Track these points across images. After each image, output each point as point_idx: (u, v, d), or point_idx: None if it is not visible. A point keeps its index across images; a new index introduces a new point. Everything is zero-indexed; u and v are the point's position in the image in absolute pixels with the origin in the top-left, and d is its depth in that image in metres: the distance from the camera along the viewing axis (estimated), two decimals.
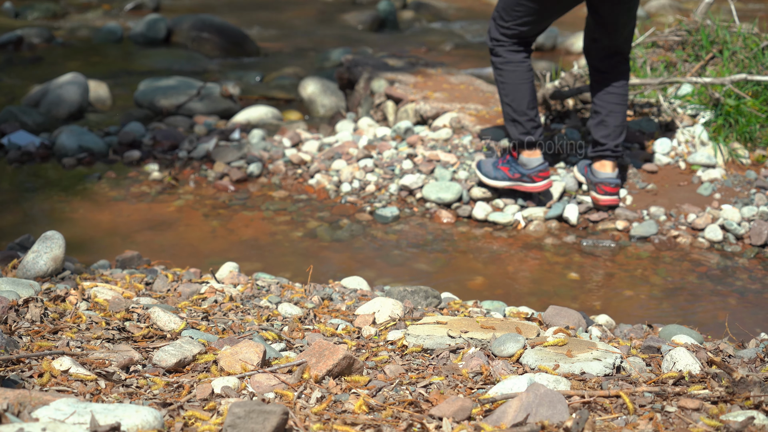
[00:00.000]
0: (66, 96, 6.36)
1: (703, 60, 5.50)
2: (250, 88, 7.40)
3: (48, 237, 3.36)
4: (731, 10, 5.95)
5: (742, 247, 4.47)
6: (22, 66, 7.94)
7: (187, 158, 5.45)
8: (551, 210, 4.69)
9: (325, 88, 6.82)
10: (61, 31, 9.43)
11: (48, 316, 2.80)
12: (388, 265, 4.32)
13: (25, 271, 3.28)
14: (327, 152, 5.35)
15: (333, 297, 3.42)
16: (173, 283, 3.43)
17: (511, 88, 4.59)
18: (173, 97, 6.52)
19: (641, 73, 5.50)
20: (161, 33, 9.04)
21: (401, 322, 3.02)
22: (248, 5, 11.39)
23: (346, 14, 10.69)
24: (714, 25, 5.69)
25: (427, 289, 3.46)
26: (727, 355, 2.93)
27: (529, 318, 3.27)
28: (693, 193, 4.77)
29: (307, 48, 9.08)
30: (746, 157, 5.00)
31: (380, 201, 4.91)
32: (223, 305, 3.16)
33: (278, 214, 4.83)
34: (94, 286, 3.17)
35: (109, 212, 4.82)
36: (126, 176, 5.26)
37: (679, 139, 5.08)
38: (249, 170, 5.24)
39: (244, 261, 4.15)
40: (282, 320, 3.06)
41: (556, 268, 4.29)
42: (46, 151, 5.55)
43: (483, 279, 4.17)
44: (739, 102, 5.02)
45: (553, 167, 4.97)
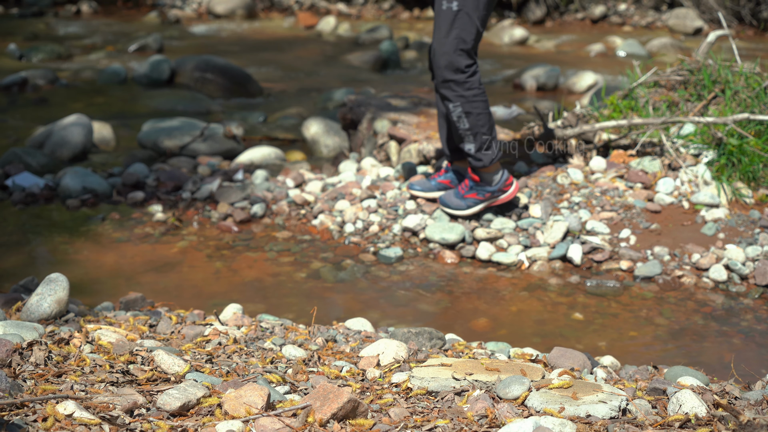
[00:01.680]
0: (70, 137, 6.38)
1: (705, 99, 5.52)
2: (254, 129, 7.42)
3: (52, 279, 3.36)
4: (733, 49, 5.97)
5: (746, 287, 4.46)
6: (27, 107, 7.98)
7: (191, 199, 5.46)
8: (555, 250, 4.69)
9: (328, 128, 6.84)
10: (66, 72, 9.48)
11: (52, 359, 2.79)
12: (392, 306, 4.32)
13: (29, 313, 3.27)
14: (330, 192, 5.36)
15: (337, 339, 3.42)
16: (177, 325, 3.42)
17: (485, 115, 4.62)
18: (177, 138, 6.54)
19: (643, 112, 5.52)
20: (165, 74, 9.08)
21: (406, 364, 3.01)
22: (251, 46, 11.45)
23: (349, 54, 10.74)
24: (716, 65, 5.71)
25: (431, 330, 3.46)
26: (734, 397, 2.92)
27: (533, 360, 3.26)
28: (697, 233, 4.77)
29: (310, 88, 9.11)
30: (749, 196, 5.01)
31: (384, 241, 4.91)
32: (227, 347, 3.15)
33: (282, 254, 4.83)
34: (98, 328, 3.16)
35: (112, 254, 4.82)
36: (130, 217, 5.27)
37: (682, 178, 5.09)
38: (252, 211, 5.25)
39: (247, 302, 4.14)
40: (286, 362, 3.05)
41: (560, 308, 4.28)
42: (50, 193, 5.56)
43: (487, 320, 4.16)
44: (742, 141, 5.03)
45: (556, 207, 4.98)
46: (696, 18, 12.90)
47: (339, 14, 13.87)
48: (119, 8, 13.95)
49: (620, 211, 4.92)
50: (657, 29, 13.16)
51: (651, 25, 13.37)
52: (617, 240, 4.76)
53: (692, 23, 12.81)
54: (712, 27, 12.83)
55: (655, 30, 13.12)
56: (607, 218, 4.88)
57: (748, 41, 12.06)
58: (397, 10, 14.15)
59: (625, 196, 5.03)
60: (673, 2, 13.68)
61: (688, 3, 13.37)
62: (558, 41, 12.19)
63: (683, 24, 12.89)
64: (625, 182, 5.14)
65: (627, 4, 13.77)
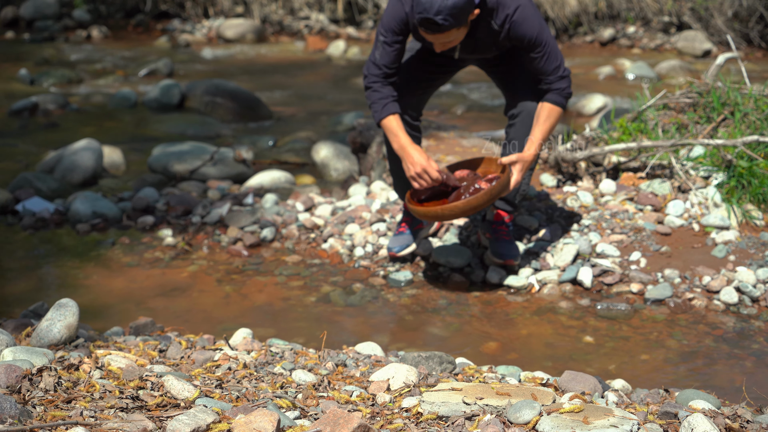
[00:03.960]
0: (80, 162, 6.40)
1: (714, 122, 5.52)
2: (264, 153, 7.44)
3: (62, 305, 3.36)
4: (742, 71, 5.97)
5: (758, 309, 4.45)
6: (37, 132, 8.01)
7: (201, 223, 5.47)
8: (565, 273, 4.68)
9: (338, 152, 6.86)
10: (76, 97, 9.52)
11: (62, 385, 2.79)
12: (402, 329, 4.31)
13: (39, 339, 3.28)
14: (340, 216, 5.36)
15: (347, 363, 3.41)
16: (187, 350, 3.42)
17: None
18: (187, 162, 6.56)
19: (653, 135, 5.51)
20: (175, 98, 9.12)
21: (416, 389, 3.01)
22: (261, 70, 11.50)
23: (358, 78, 10.76)
24: (725, 87, 5.71)
25: (441, 354, 3.45)
26: (746, 420, 2.90)
27: (544, 383, 3.25)
28: (707, 255, 4.76)
29: (319, 112, 9.14)
30: (760, 218, 4.99)
31: (393, 265, 4.91)
32: (237, 372, 3.15)
33: (292, 279, 4.83)
34: (107, 353, 3.16)
35: (122, 278, 4.83)
36: (140, 242, 5.28)
37: (692, 201, 5.08)
38: (262, 235, 5.25)
39: (257, 327, 4.14)
40: (296, 387, 3.05)
41: (570, 331, 4.27)
42: (61, 218, 5.58)
43: (497, 343, 4.15)
44: (752, 163, 5.02)
45: (566, 230, 4.97)
46: (705, 40, 12.90)
47: (348, 38, 13.91)
48: (129, 33, 14.02)
49: (630, 234, 4.91)
50: (666, 51, 13.16)
51: (660, 48, 13.37)
52: (627, 263, 4.75)
53: (701, 45, 12.82)
54: (720, 49, 12.83)
55: (664, 52, 13.12)
56: (617, 241, 4.87)
57: (756, 63, 12.06)
58: None
59: (635, 218, 5.02)
60: (681, 25, 13.69)
61: (697, 26, 13.39)
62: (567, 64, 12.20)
63: (692, 46, 12.90)
64: (635, 205, 5.14)
65: (636, 26, 13.79)
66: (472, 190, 4.38)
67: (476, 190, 4.37)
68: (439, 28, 4.01)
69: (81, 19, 14.11)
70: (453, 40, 4.17)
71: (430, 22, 3.99)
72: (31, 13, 13.91)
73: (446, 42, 4.17)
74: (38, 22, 13.84)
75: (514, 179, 4.36)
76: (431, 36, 4.10)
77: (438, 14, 3.95)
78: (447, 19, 3.97)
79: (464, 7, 3.99)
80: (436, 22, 3.98)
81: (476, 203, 4.22)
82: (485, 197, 4.23)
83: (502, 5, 4.22)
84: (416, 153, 4.33)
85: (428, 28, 4.03)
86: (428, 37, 4.12)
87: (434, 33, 4.06)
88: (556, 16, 13.61)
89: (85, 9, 14.35)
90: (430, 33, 4.07)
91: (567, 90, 4.45)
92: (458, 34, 4.13)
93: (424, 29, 4.06)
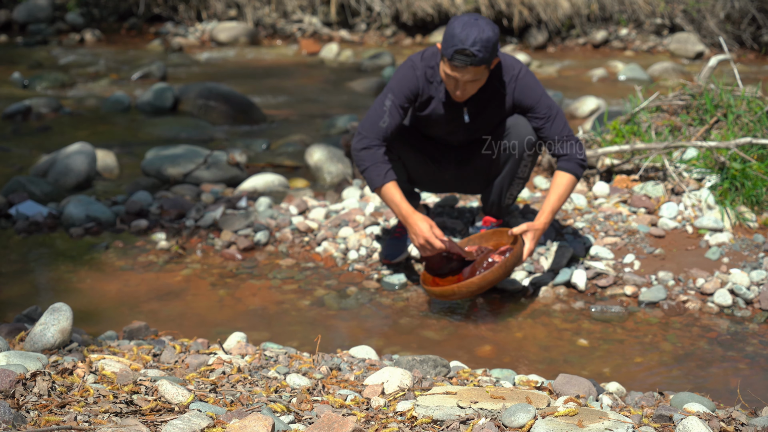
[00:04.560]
0: (74, 165, 6.39)
1: (707, 124, 5.53)
2: (257, 156, 7.44)
3: (55, 309, 3.35)
4: (734, 73, 5.98)
5: (752, 311, 4.45)
6: (31, 136, 8.00)
7: (195, 227, 5.46)
8: (559, 276, 4.68)
9: (331, 155, 6.85)
10: (69, 100, 9.51)
11: (56, 390, 2.78)
12: (397, 333, 4.31)
13: (32, 343, 3.27)
14: (334, 219, 5.36)
15: (341, 367, 3.41)
16: (181, 354, 3.42)
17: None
18: (180, 166, 6.56)
19: (646, 137, 5.52)
20: (168, 102, 9.11)
21: (410, 393, 3.01)
22: (254, 73, 11.49)
23: (351, 81, 10.77)
24: (718, 89, 5.72)
25: (435, 358, 3.45)
26: (740, 423, 2.90)
27: (539, 387, 3.25)
28: (701, 258, 4.76)
29: (313, 115, 9.13)
30: (753, 220, 5.00)
31: (387, 268, 4.91)
32: (231, 377, 3.15)
33: (285, 282, 4.83)
34: (101, 358, 3.16)
35: (116, 282, 4.82)
36: (133, 245, 5.27)
37: (685, 203, 5.09)
38: (256, 238, 5.25)
39: (251, 330, 4.14)
40: (290, 391, 3.05)
41: (565, 334, 4.27)
42: (54, 221, 5.57)
43: (492, 346, 4.15)
44: (745, 165, 5.03)
45: (560, 233, 4.97)
46: (697, 42, 12.93)
47: (341, 41, 13.91)
48: (123, 36, 14.00)
49: (624, 236, 4.92)
50: (658, 53, 13.18)
51: (652, 50, 13.39)
52: (621, 265, 4.75)
53: (693, 47, 12.84)
54: (713, 51, 12.86)
55: (656, 54, 13.14)
56: (611, 243, 4.88)
57: (749, 65, 12.08)
58: (399, 36, 14.19)
59: (628, 221, 5.03)
60: (674, 27, 13.71)
61: (689, 27, 13.41)
62: (560, 66, 12.22)
63: (684, 48, 12.92)
64: (629, 207, 5.14)
65: (628, 29, 13.81)
66: (486, 264, 4.40)
67: (490, 264, 4.39)
68: (473, 59, 4.15)
69: (74, 22, 14.09)
70: (476, 81, 4.28)
71: (465, 54, 4.14)
72: (25, 16, 13.89)
73: (470, 82, 4.28)
74: (31, 25, 13.82)
75: (527, 248, 4.42)
76: (460, 72, 4.21)
77: (474, 45, 4.12)
78: (481, 50, 4.13)
79: (496, 42, 4.20)
80: (472, 53, 4.13)
81: (492, 277, 4.25)
82: (500, 270, 4.25)
83: (508, 66, 4.44)
84: (420, 222, 4.40)
85: (462, 60, 4.16)
86: (456, 73, 4.22)
87: (465, 67, 4.18)
88: (549, 19, 13.62)
89: (78, 12, 14.33)
90: (462, 67, 4.19)
91: (581, 156, 4.49)
92: (483, 74, 4.27)
93: (458, 62, 4.18)
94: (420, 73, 4.43)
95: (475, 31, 4.12)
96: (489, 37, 4.14)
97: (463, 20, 4.19)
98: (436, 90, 4.45)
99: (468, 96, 4.35)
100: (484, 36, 4.12)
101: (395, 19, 14.28)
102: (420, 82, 4.44)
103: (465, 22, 4.17)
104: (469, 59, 4.14)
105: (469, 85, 4.29)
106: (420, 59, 4.47)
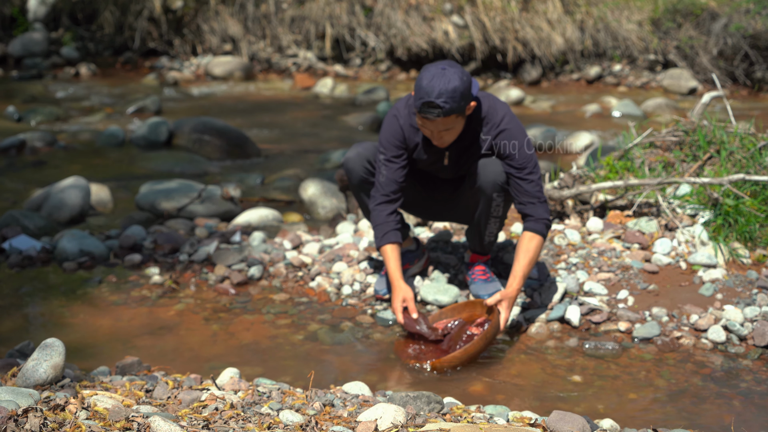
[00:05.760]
0: (68, 200, 6.39)
1: (700, 160, 5.54)
2: (251, 190, 7.44)
3: (48, 345, 3.34)
4: (727, 109, 6.01)
5: (745, 348, 4.45)
6: (25, 170, 8.00)
7: (188, 261, 5.46)
8: (553, 312, 4.68)
9: (325, 189, 6.86)
10: (64, 134, 9.52)
11: (47, 426, 2.77)
12: (390, 368, 4.29)
13: (24, 379, 3.26)
14: (328, 254, 5.35)
15: (335, 403, 3.40)
16: (173, 390, 3.40)
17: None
18: (174, 200, 6.56)
19: (639, 173, 5.54)
20: (163, 136, 9.12)
21: (404, 429, 3.00)
22: (249, 108, 11.52)
23: (346, 115, 10.80)
24: (711, 125, 5.74)
25: (429, 394, 3.44)
26: None
27: (532, 424, 3.24)
28: (695, 294, 4.76)
29: (307, 149, 9.15)
30: (747, 256, 5.01)
31: (381, 303, 4.90)
32: (224, 413, 3.14)
33: (279, 317, 4.82)
34: (93, 394, 3.15)
35: (109, 317, 4.81)
36: (127, 280, 5.26)
37: (679, 239, 5.09)
38: (250, 273, 5.24)
39: (244, 365, 4.12)
40: (283, 428, 3.04)
41: (558, 371, 4.26)
42: (47, 256, 5.56)
43: (485, 383, 4.13)
44: (738, 202, 5.04)
45: (553, 269, 4.98)
46: (690, 78, 13.00)
47: (336, 76, 13.96)
48: (118, 70, 14.04)
49: (618, 272, 4.92)
50: (652, 89, 13.25)
51: (646, 86, 13.46)
52: (615, 301, 4.75)
53: (687, 83, 12.91)
54: (706, 87, 12.93)
55: (649, 90, 13.21)
56: (604, 279, 4.88)
57: (742, 101, 12.15)
58: (393, 71, 14.26)
59: (622, 256, 5.03)
60: (667, 63, 13.79)
61: (682, 64, 13.48)
62: (554, 102, 12.27)
63: (678, 84, 12.99)
64: (623, 243, 5.15)
65: (622, 64, 13.88)
66: (465, 338, 4.42)
67: (470, 337, 4.41)
68: (440, 111, 4.16)
69: (69, 56, 14.13)
70: (451, 129, 4.29)
71: (431, 106, 4.15)
72: (20, 50, 13.92)
73: (444, 131, 4.30)
74: (26, 59, 13.85)
75: (503, 317, 4.44)
76: (431, 123, 4.23)
77: (439, 97, 4.13)
78: (447, 101, 4.13)
79: (464, 92, 4.17)
80: (437, 105, 4.14)
81: (473, 350, 4.26)
82: (481, 342, 4.27)
83: (491, 112, 4.44)
84: (397, 291, 4.50)
85: (429, 112, 4.17)
86: (428, 125, 4.25)
87: (435, 118, 4.19)
88: (542, 54, 13.69)
89: (74, 46, 14.37)
90: (431, 119, 4.20)
91: (547, 218, 4.52)
92: (456, 123, 4.28)
93: (425, 115, 4.20)
94: (404, 121, 4.49)
95: (442, 83, 4.13)
96: (455, 87, 4.14)
97: (431, 72, 4.20)
98: (421, 135, 4.49)
99: (448, 143, 4.39)
100: (449, 87, 4.12)
101: (390, 54, 14.35)
102: (405, 130, 4.49)
103: (433, 74, 4.17)
104: (436, 111, 4.16)
105: (444, 134, 4.32)
106: (404, 106, 4.52)
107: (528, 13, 13.86)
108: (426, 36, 13.92)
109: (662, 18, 13.80)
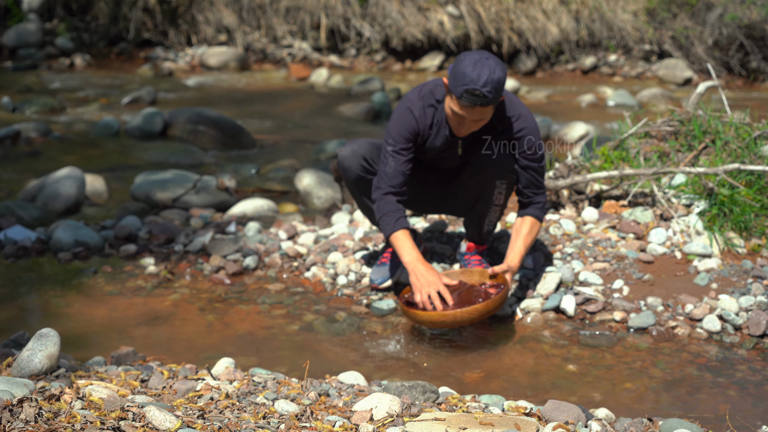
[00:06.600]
0: (63, 190, 6.38)
1: (696, 150, 5.55)
2: (247, 181, 7.44)
3: (43, 335, 3.34)
4: (722, 99, 6.01)
5: (740, 337, 4.46)
6: (20, 160, 7.99)
7: (183, 252, 5.45)
8: (548, 301, 4.69)
9: (320, 180, 6.86)
10: (59, 125, 9.50)
11: (42, 416, 2.77)
12: (385, 358, 4.30)
13: (19, 369, 3.26)
14: (323, 244, 5.35)
15: (330, 393, 3.40)
16: (169, 380, 3.40)
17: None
18: (170, 191, 6.55)
19: (635, 163, 5.54)
20: (158, 126, 9.10)
21: (399, 419, 3.00)
22: (244, 98, 11.51)
23: (341, 106, 10.79)
24: (706, 115, 5.74)
25: (424, 383, 3.44)
26: None
27: (527, 413, 3.24)
28: (690, 283, 4.77)
29: (303, 140, 9.14)
30: (742, 246, 5.01)
31: (376, 294, 4.90)
32: (219, 402, 3.14)
33: (274, 307, 4.82)
34: (89, 384, 3.14)
35: (104, 307, 4.80)
36: (122, 270, 5.25)
37: (674, 228, 5.10)
38: (245, 263, 5.24)
39: (240, 356, 4.12)
40: (278, 417, 3.04)
41: (554, 360, 4.27)
42: (42, 246, 5.55)
43: (481, 372, 4.14)
44: (733, 191, 5.05)
45: (548, 258, 4.98)
46: (685, 68, 13.00)
47: (331, 66, 13.95)
48: (112, 61, 14.02)
49: (613, 262, 4.92)
50: (647, 79, 13.26)
51: (641, 76, 13.47)
52: (610, 291, 4.76)
53: (682, 74, 12.92)
54: (701, 77, 12.94)
55: (645, 80, 13.22)
56: (599, 269, 4.88)
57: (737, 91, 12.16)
58: (388, 62, 14.25)
59: (617, 246, 5.03)
60: (662, 53, 13.79)
61: (678, 54, 13.49)
62: (549, 92, 12.27)
63: (673, 74, 12.99)
64: (618, 233, 5.15)
65: (617, 54, 13.88)
66: (483, 294, 4.42)
67: (487, 293, 4.41)
68: (484, 100, 4.15)
69: (64, 47, 14.10)
70: (481, 120, 4.29)
71: (475, 94, 4.14)
72: (14, 41, 13.89)
73: (477, 120, 4.29)
74: (21, 50, 13.82)
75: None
76: (469, 111, 4.21)
77: (485, 86, 4.12)
78: (492, 92, 4.13)
79: (504, 83, 4.19)
80: (482, 94, 4.13)
81: (493, 306, 4.29)
82: (500, 300, 4.32)
83: (510, 106, 4.47)
84: (428, 273, 4.41)
85: (471, 100, 4.16)
86: (464, 111, 4.23)
87: (475, 106, 4.18)
88: (538, 45, 13.69)
89: (68, 37, 14.34)
90: (471, 106, 4.19)
91: (546, 205, 4.63)
92: (488, 114, 4.28)
93: (466, 102, 4.17)
94: (419, 113, 4.45)
95: (487, 71, 4.11)
96: (500, 78, 4.14)
97: (473, 58, 4.17)
98: (437, 129, 4.46)
99: (470, 132, 4.37)
100: (495, 77, 4.12)
101: (385, 45, 14.34)
102: (420, 123, 4.45)
103: (476, 61, 4.15)
104: (479, 99, 4.15)
105: (473, 124, 4.31)
106: (418, 97, 4.47)
107: (523, 3, 13.85)
108: (421, 26, 13.91)
109: (657, 8, 13.80)
